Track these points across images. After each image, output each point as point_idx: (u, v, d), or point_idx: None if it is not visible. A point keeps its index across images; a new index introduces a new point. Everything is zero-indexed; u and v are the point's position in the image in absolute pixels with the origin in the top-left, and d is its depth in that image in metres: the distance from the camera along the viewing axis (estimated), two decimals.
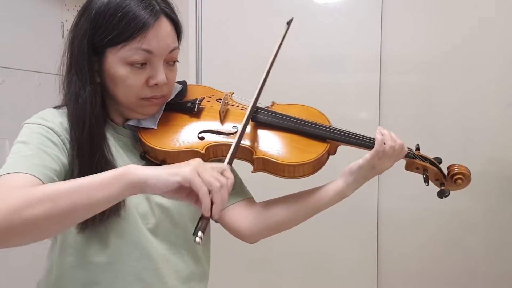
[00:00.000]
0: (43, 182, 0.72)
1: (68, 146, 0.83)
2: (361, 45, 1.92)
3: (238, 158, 0.92)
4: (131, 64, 0.84)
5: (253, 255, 2.01)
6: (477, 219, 1.88)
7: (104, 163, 0.84)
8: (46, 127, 0.82)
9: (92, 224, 0.83)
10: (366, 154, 0.91)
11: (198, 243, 0.66)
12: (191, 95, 1.00)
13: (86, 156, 0.83)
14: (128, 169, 0.67)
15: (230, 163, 0.78)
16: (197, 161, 0.70)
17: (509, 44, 1.82)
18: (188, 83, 1.05)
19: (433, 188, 1.01)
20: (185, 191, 0.68)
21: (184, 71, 1.97)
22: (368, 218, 1.95)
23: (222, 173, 0.71)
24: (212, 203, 0.67)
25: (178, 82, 0.99)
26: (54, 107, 0.90)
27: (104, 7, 0.83)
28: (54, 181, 0.76)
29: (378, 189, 1.94)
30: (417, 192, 1.07)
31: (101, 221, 0.83)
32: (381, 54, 1.90)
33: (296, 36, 1.96)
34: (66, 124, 0.85)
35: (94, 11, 0.83)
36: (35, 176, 0.72)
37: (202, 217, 0.68)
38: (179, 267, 0.94)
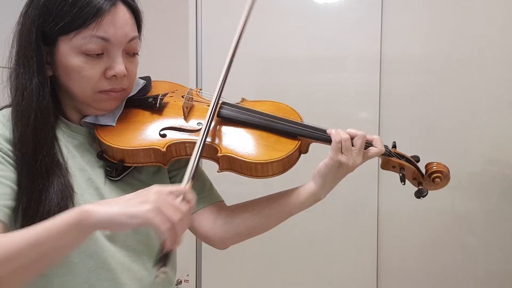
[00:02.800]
0: None
1: (12, 155, 0.76)
2: (361, 45, 1.92)
3: (203, 157, 0.87)
4: (86, 53, 0.78)
5: (252, 255, 2.01)
6: (477, 219, 1.88)
7: (49, 163, 0.77)
8: None
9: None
10: (328, 153, 0.87)
11: (163, 277, 0.63)
12: (155, 91, 0.95)
13: (30, 154, 0.76)
14: (84, 213, 0.61)
15: (193, 177, 0.73)
16: (156, 191, 0.64)
17: (510, 44, 1.82)
18: (188, 85, 1.02)
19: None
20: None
21: (184, 72, 1.97)
22: (368, 218, 1.95)
23: (183, 195, 0.67)
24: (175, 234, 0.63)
25: (141, 78, 0.94)
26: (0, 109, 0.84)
27: None
28: (4, 209, 0.71)
29: (378, 189, 1.94)
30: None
31: None
32: (381, 54, 1.90)
33: (296, 36, 1.96)
34: (4, 128, 0.78)
35: None
36: None
37: (162, 249, 0.65)
38: (141, 275, 0.86)
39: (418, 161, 0.98)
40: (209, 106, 0.89)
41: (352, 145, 0.86)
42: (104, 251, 0.81)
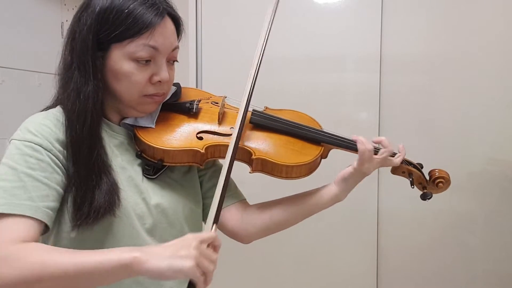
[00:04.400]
0: (36, 218, 0.74)
1: (61, 158, 0.81)
2: (361, 45, 1.92)
3: (236, 159, 0.92)
4: (137, 60, 0.84)
5: (252, 255, 2.01)
6: (477, 219, 1.88)
7: (101, 162, 0.83)
8: (34, 145, 0.78)
9: (86, 223, 0.81)
10: (354, 162, 0.96)
11: None
12: (185, 97, 1.01)
13: (85, 154, 0.82)
14: (137, 260, 0.67)
15: (216, 220, 0.78)
16: (195, 246, 0.70)
17: (509, 44, 1.82)
18: (188, 85, 1.05)
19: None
20: None
21: (184, 72, 1.97)
22: (368, 218, 1.95)
23: (212, 242, 0.74)
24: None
25: (172, 84, 0.99)
26: (43, 110, 0.88)
27: (109, 3, 0.83)
28: (48, 211, 0.76)
29: (378, 189, 1.94)
30: (417, 192, 1.07)
31: (96, 220, 0.81)
32: (381, 54, 1.90)
33: (296, 36, 1.96)
34: (55, 129, 0.82)
35: (98, 7, 0.83)
36: (26, 217, 0.73)
37: None
38: None
39: (422, 167, 1.06)
40: (238, 113, 0.97)
41: (376, 154, 0.96)
42: (144, 243, 0.87)
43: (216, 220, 0.78)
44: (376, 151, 0.96)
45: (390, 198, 1.93)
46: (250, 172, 0.95)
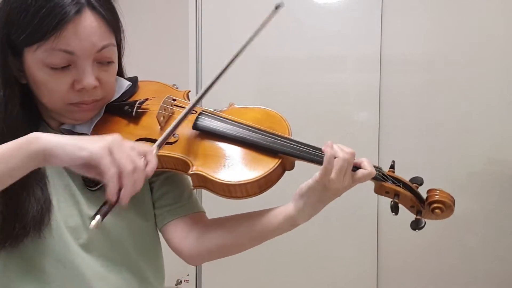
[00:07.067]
0: None
1: None
2: (361, 45, 1.92)
3: (177, 170, 0.82)
4: (50, 66, 0.73)
5: (252, 255, 2.00)
6: (477, 219, 1.88)
7: (26, 176, 0.73)
8: None
9: (3, 247, 0.73)
10: (316, 173, 0.76)
11: (93, 228, 0.60)
12: (142, 93, 0.88)
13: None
14: (33, 137, 0.61)
15: (159, 145, 0.70)
16: (115, 137, 0.63)
17: (510, 44, 1.82)
18: (188, 85, 0.96)
19: (434, 186, 0.88)
20: (94, 168, 0.61)
21: (184, 72, 1.97)
22: (368, 218, 1.95)
23: (144, 155, 0.64)
24: (121, 187, 0.60)
25: (129, 78, 0.89)
26: None
27: (18, 1, 0.72)
28: None
29: None
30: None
31: (15, 241, 0.73)
32: (381, 54, 1.90)
33: (296, 36, 1.96)
34: None
35: (9, 7, 0.73)
36: None
37: (106, 201, 0.62)
38: (118, 285, 0.83)
39: (421, 183, 0.85)
40: (192, 113, 0.83)
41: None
42: (79, 261, 0.79)
43: (159, 144, 0.70)
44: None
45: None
46: (192, 188, 0.81)
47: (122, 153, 0.61)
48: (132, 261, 0.86)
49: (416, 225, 0.83)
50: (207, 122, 0.82)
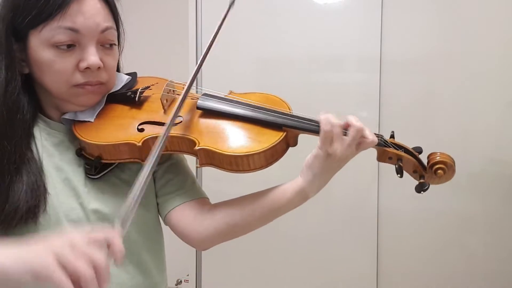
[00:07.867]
0: None
1: None
2: (361, 45, 1.92)
3: (182, 151, 0.83)
4: (56, 46, 0.75)
5: (252, 255, 2.01)
6: (477, 219, 1.88)
7: (19, 161, 0.75)
8: None
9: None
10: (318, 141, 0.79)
11: None
12: (142, 86, 0.90)
13: None
14: None
15: (123, 223, 0.63)
16: (62, 239, 0.56)
17: (509, 44, 1.82)
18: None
19: (433, 187, 0.91)
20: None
21: (184, 72, 1.97)
22: (368, 218, 1.95)
23: (109, 245, 0.58)
24: None
25: (128, 74, 0.92)
26: None
27: None
28: None
29: (378, 189, 1.94)
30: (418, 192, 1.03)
31: (7, 224, 0.72)
32: (381, 54, 1.90)
33: (296, 36, 1.96)
34: None
35: None
36: None
37: None
38: (122, 279, 0.83)
39: (420, 152, 0.88)
40: (192, 99, 0.85)
41: (345, 135, 0.79)
42: None
43: (124, 222, 0.63)
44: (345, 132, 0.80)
45: (390, 198, 1.93)
46: (197, 166, 0.83)
47: (74, 256, 0.54)
48: (135, 254, 0.86)
49: (420, 188, 0.84)
50: (211, 101, 0.85)
